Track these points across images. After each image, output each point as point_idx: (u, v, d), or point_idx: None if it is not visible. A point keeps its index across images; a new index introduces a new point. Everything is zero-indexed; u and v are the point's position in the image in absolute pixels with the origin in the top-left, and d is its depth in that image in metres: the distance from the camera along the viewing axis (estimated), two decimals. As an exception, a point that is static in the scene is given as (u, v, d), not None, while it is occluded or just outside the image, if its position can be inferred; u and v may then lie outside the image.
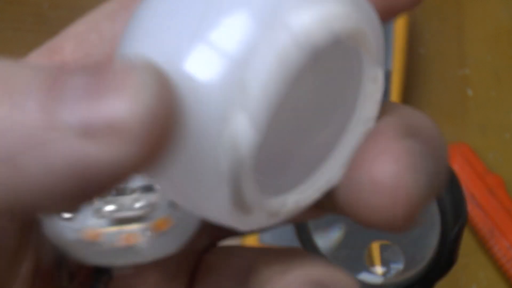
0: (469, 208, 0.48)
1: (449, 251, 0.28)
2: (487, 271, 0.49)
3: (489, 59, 0.52)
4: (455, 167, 0.49)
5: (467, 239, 0.49)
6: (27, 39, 0.53)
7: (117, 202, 0.19)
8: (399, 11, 0.17)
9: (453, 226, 0.27)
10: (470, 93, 0.52)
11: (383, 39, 0.16)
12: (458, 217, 0.28)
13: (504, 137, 0.51)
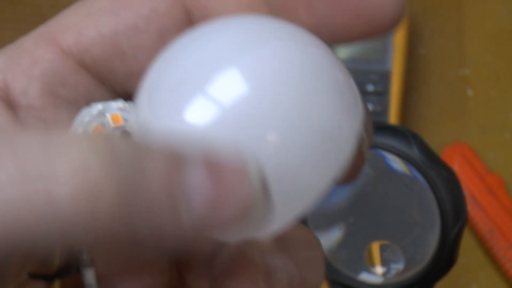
0: (469, 208, 0.48)
1: (449, 251, 0.28)
2: (487, 271, 0.49)
3: (489, 59, 0.52)
4: (455, 167, 0.49)
5: (467, 239, 0.49)
6: (27, 39, 0.53)
7: None
8: (379, 32, 0.18)
9: (453, 226, 0.27)
10: (470, 93, 0.52)
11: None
12: (458, 217, 0.28)
13: (504, 137, 0.51)
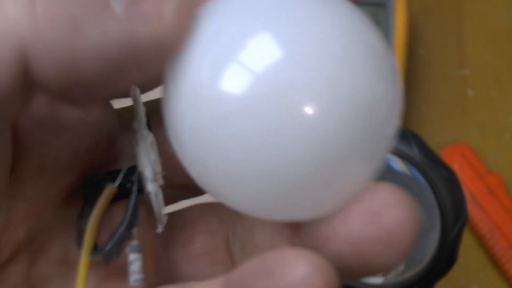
0: (469, 208, 0.48)
1: (449, 251, 0.28)
2: (487, 271, 0.49)
3: (489, 59, 0.52)
4: (455, 167, 0.49)
5: (467, 239, 0.49)
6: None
7: None
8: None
9: (453, 226, 0.27)
10: (470, 93, 0.52)
11: None
12: (458, 217, 0.28)
13: (504, 137, 0.51)
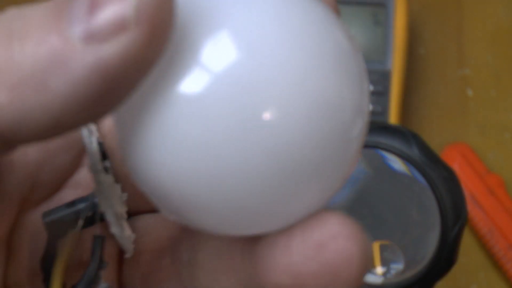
0: (469, 208, 0.48)
1: (449, 251, 0.28)
2: (487, 271, 0.49)
3: (489, 59, 0.52)
4: (455, 167, 0.49)
5: (467, 239, 0.49)
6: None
7: None
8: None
9: (453, 226, 0.27)
10: (470, 93, 0.52)
11: None
12: (458, 217, 0.28)
13: (504, 137, 0.51)
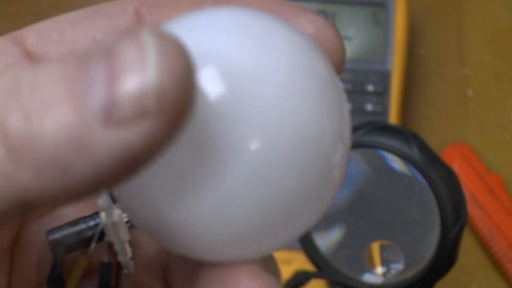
0: (469, 208, 0.48)
1: (449, 251, 0.28)
2: (487, 271, 0.49)
3: (489, 59, 0.52)
4: (455, 167, 0.49)
5: (467, 239, 0.49)
6: (27, 39, 0.53)
7: None
8: None
9: (453, 226, 0.27)
10: (470, 93, 0.52)
11: None
12: (458, 217, 0.28)
13: (504, 137, 0.51)
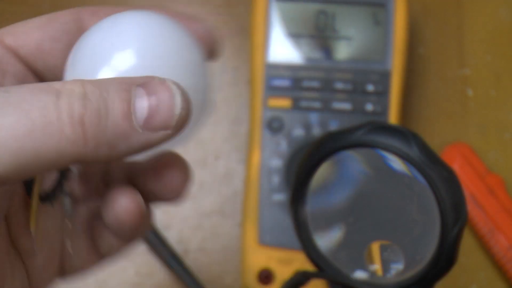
0: (469, 208, 0.48)
1: (449, 251, 0.28)
2: (487, 271, 0.49)
3: (489, 59, 0.52)
4: (455, 167, 0.49)
5: (467, 239, 0.49)
6: (27, 39, 0.53)
7: None
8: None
9: (453, 226, 0.27)
10: (470, 93, 0.52)
11: None
12: (458, 217, 0.28)
13: (504, 137, 0.51)
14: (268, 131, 0.46)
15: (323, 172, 0.30)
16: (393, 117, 0.46)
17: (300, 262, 0.44)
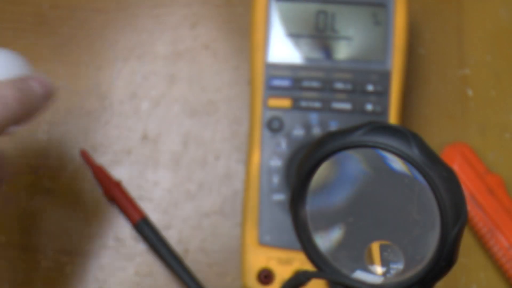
0: (469, 208, 0.48)
1: (449, 251, 0.28)
2: (487, 271, 0.49)
3: (489, 59, 0.52)
4: (455, 167, 0.49)
5: (467, 239, 0.49)
6: (27, 39, 0.53)
7: None
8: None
9: (453, 226, 0.27)
10: (470, 93, 0.52)
11: None
12: (458, 217, 0.28)
13: (504, 137, 0.51)
14: (268, 131, 0.46)
15: (323, 172, 0.30)
16: (393, 117, 0.46)
17: (300, 262, 0.44)
